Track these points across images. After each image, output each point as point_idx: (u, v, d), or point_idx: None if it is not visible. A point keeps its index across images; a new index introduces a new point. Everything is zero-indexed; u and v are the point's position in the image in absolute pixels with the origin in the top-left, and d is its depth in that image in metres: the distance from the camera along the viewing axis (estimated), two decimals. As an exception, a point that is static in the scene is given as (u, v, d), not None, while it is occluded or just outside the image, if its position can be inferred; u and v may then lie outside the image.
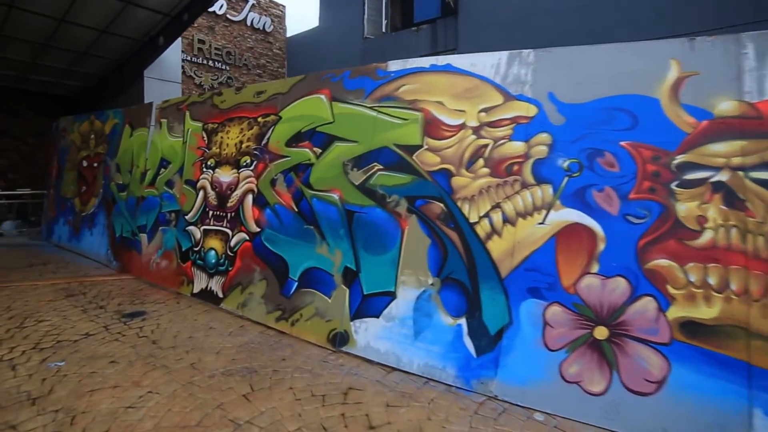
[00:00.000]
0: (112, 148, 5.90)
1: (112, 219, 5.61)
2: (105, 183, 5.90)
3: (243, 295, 3.77)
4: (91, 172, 6.31)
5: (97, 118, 6.42)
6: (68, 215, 6.71)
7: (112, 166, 5.81)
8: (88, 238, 6.13)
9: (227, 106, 4.38)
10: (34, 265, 5.63)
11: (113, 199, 5.63)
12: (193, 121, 4.70)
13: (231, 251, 3.96)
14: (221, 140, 4.28)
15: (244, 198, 3.96)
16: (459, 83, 2.90)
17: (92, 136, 6.44)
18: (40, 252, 6.45)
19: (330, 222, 3.26)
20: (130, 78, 8.01)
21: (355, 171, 3.24)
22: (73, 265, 5.66)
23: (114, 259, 5.47)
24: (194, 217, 4.40)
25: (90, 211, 6.21)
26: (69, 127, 7.11)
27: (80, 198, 6.45)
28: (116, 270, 5.29)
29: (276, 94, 3.97)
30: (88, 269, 5.42)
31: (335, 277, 3.17)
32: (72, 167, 6.82)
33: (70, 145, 6.99)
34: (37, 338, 3.15)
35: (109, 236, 5.58)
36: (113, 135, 5.94)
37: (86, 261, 5.86)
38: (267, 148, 3.88)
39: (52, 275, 5.09)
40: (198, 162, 4.50)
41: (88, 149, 6.46)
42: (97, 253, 5.79)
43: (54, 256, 6.13)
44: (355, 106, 3.35)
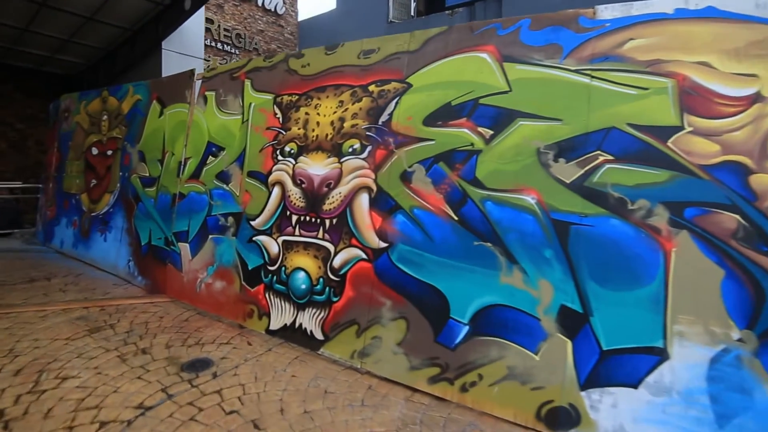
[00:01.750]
0: (132, 132, 4.67)
1: (135, 222, 4.46)
2: (123, 176, 4.68)
3: (361, 339, 2.67)
4: (104, 162, 5.11)
5: (112, 94, 5.15)
6: (73, 215, 5.46)
7: (133, 153, 4.60)
8: (100, 244, 4.91)
9: (313, 72, 3.23)
10: (35, 279, 4.40)
11: (136, 197, 4.43)
12: (258, 93, 3.58)
13: (335, 274, 2.83)
14: (306, 118, 3.14)
15: (353, 198, 2.84)
16: (737, 34, 1.90)
17: (104, 117, 5.25)
18: (40, 261, 5.17)
19: (524, 237, 2.20)
20: (143, 51, 6.74)
21: (561, 162, 2.20)
22: (84, 279, 4.43)
23: (139, 274, 4.33)
24: (266, 224, 3.25)
25: (102, 211, 5.03)
26: (73, 107, 5.81)
27: (89, 194, 5.20)
28: (144, 288, 4.10)
29: (398, 54, 2.88)
30: (106, 286, 4.21)
31: (543, 321, 2.10)
32: (77, 156, 5.55)
33: (75, 128, 5.71)
34: (66, 415, 2.02)
35: (131, 244, 4.39)
36: (134, 115, 4.70)
37: (100, 274, 4.63)
38: (390, 128, 2.77)
39: (61, 295, 3.88)
40: (269, 147, 3.36)
41: (100, 133, 5.19)
42: (114, 263, 4.59)
43: (58, 267, 4.87)
44: (547, 69, 2.29)
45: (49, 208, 6.00)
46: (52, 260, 5.28)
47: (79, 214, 5.35)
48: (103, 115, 5.24)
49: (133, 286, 4.30)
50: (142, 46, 6.72)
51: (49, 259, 5.36)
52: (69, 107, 5.95)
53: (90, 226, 5.16)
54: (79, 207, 5.40)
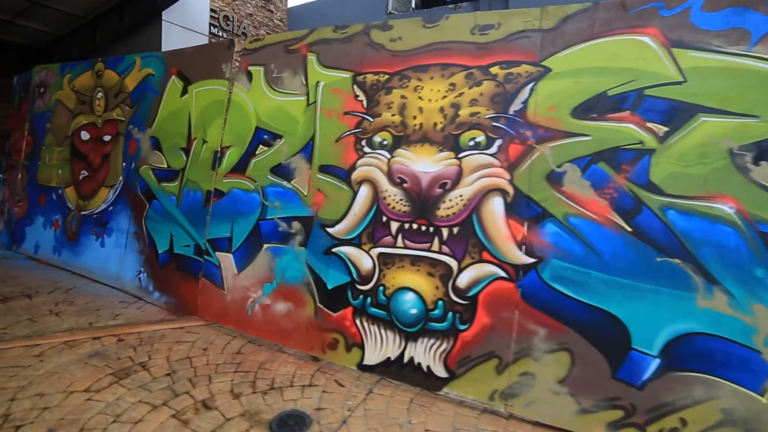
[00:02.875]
0: (141, 113, 3.76)
1: (147, 224, 3.59)
2: (129, 167, 3.77)
3: (504, 376, 2.12)
4: (99, 150, 4.12)
5: (110, 66, 4.16)
6: (53, 213, 4.40)
7: (142, 140, 3.69)
8: (95, 250, 3.94)
9: (408, 47, 2.59)
10: (10, 297, 3.38)
11: (147, 193, 3.55)
12: (328, 70, 2.91)
13: (460, 296, 2.26)
14: (403, 102, 2.53)
15: (480, 202, 2.28)
16: None
17: (99, 95, 4.29)
18: (9, 270, 4.11)
19: (724, 253, 1.80)
20: (136, 21, 5.71)
21: (764, 166, 1.85)
22: (79, 296, 3.50)
23: (156, 289, 3.45)
24: (352, 231, 2.59)
25: (98, 209, 4.10)
26: (52, 81, 4.71)
27: (77, 188, 4.21)
28: (164, 308, 3.29)
29: (526, 32, 2.34)
30: (112, 305, 3.33)
31: (766, 354, 1.75)
32: (58, 141, 4.49)
33: (55, 107, 4.61)
34: None
35: (142, 251, 3.52)
36: (143, 93, 3.78)
37: (97, 288, 3.71)
38: (526, 119, 2.24)
39: (55, 320, 2.97)
40: (349, 137, 2.68)
41: (92, 114, 4.20)
42: (117, 275, 3.68)
43: (38, 279, 3.87)
44: (731, 57, 1.90)
45: (17, 204, 4.90)
46: (26, 269, 4.24)
47: (63, 213, 4.35)
48: (97, 91, 4.28)
49: (147, 304, 3.46)
50: (135, 16, 5.71)
51: (21, 267, 4.32)
52: (45, 81, 4.87)
53: (79, 228, 4.20)
54: (63, 203, 4.41)
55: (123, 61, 4.11)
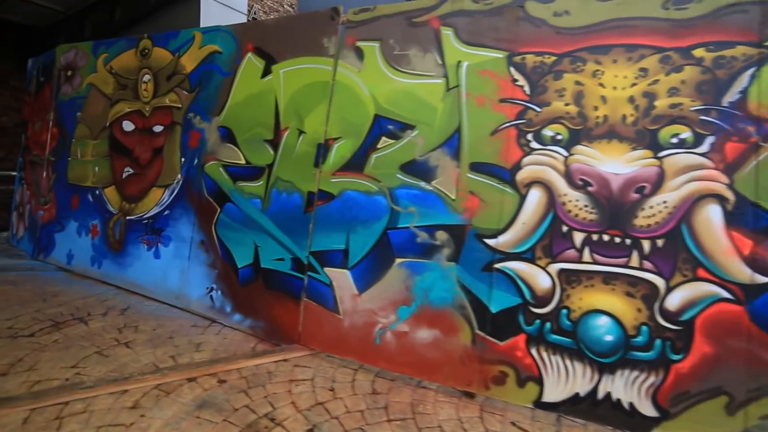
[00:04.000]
0: (205, 98, 3.13)
1: (219, 232, 2.96)
2: (189, 163, 3.15)
3: (738, 417, 1.68)
4: (147, 142, 3.45)
5: (159, 43, 3.48)
6: (90, 217, 3.73)
7: (208, 130, 3.08)
8: (147, 261, 3.31)
9: (579, 24, 2.08)
10: (61, 322, 2.74)
11: (218, 194, 2.95)
12: (471, 47, 2.30)
13: (671, 320, 1.81)
14: (579, 89, 2.04)
15: (691, 210, 1.83)
16: None
17: (146, 78, 3.62)
18: (45, 285, 3.45)
19: None
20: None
21: None
22: (141, 318, 2.88)
23: (236, 311, 2.82)
24: (521, 243, 2.08)
25: (149, 213, 3.49)
26: (83, 63, 4.01)
27: (121, 188, 3.56)
28: (251, 333, 2.71)
29: (741, 5, 1.86)
30: (184, 330, 2.74)
31: None
32: (92, 133, 3.81)
33: (88, 93, 3.92)
34: None
35: (214, 264, 2.92)
36: (208, 74, 3.14)
37: (156, 306, 3.11)
38: (746, 112, 1.77)
39: (129, 354, 2.35)
40: (509, 129, 2.15)
41: (137, 101, 3.54)
42: (178, 291, 3.08)
43: (82, 296, 3.22)
44: None
45: (43, 207, 4.23)
46: (62, 284, 3.57)
47: (102, 217, 3.68)
48: (142, 74, 3.65)
49: (225, 328, 2.85)
50: (166, -12, 5.05)
51: (55, 282, 3.63)
52: (74, 63, 4.14)
53: (124, 235, 3.59)
54: (102, 206, 3.78)
55: (177, 37, 3.48)
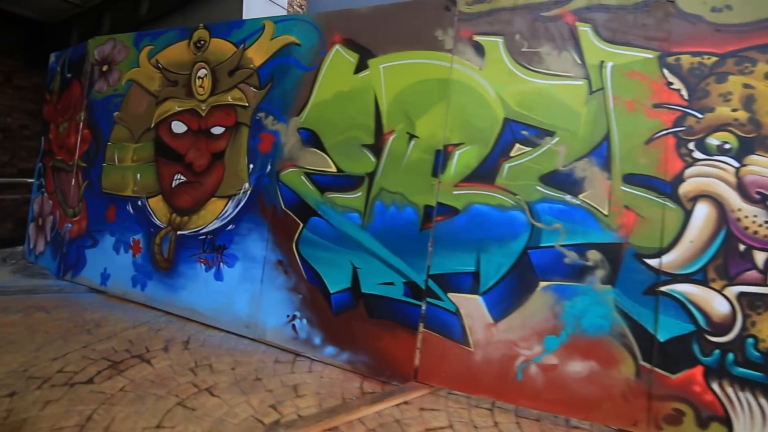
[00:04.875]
0: (279, 96, 2.72)
1: (302, 251, 2.53)
2: (261, 170, 2.72)
3: None
4: (204, 146, 2.98)
5: (218, 34, 3.04)
6: (130, 231, 3.24)
7: (284, 133, 2.67)
8: (204, 283, 2.86)
9: (746, 20, 1.79)
10: (122, 362, 2.27)
11: (300, 207, 2.55)
12: (615, 46, 1.96)
13: None
14: (748, 93, 1.77)
15: None
16: None
17: (202, 73, 3.11)
18: (82, 311, 2.97)
19: None
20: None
21: None
22: (211, 353, 2.43)
23: (329, 342, 2.39)
24: (690, 264, 1.77)
25: (206, 228, 3.03)
26: (121, 56, 3.50)
27: (170, 199, 3.10)
28: (350, 368, 2.31)
29: None
30: (267, 367, 2.31)
31: None
32: (134, 135, 3.33)
33: (127, 90, 3.42)
34: None
35: (297, 288, 2.50)
36: (283, 68, 2.73)
37: (217, 336, 2.67)
38: None
39: (218, 403, 1.91)
40: (666, 137, 1.84)
41: (190, 98, 3.08)
42: (247, 319, 2.65)
43: (128, 324, 2.76)
44: None
45: (71, 219, 3.69)
46: (101, 310, 3.05)
47: (147, 232, 3.19)
48: (197, 68, 3.20)
49: (315, 363, 2.41)
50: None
51: (92, 307, 3.10)
52: (110, 57, 3.61)
53: (175, 253, 3.15)
54: (146, 219, 3.31)
55: (241, 27, 3.07)
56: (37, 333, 2.71)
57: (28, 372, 2.21)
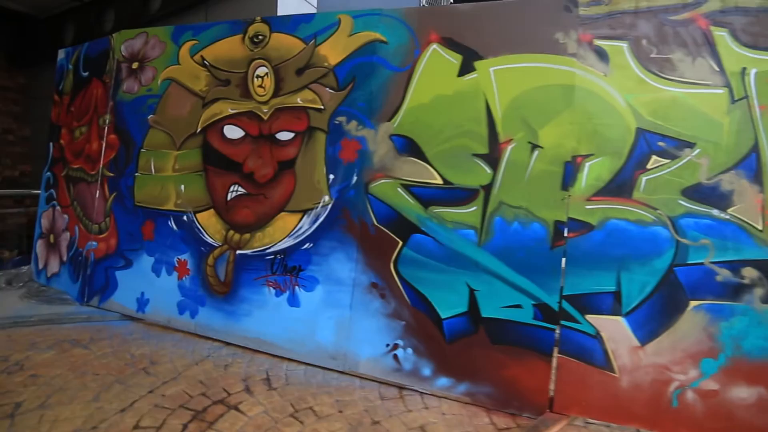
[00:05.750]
0: (363, 98, 2.44)
1: (402, 271, 2.25)
2: (344, 181, 2.42)
3: None
4: (267, 154, 2.63)
5: (280, 28, 2.68)
6: (174, 250, 2.82)
7: (373, 140, 2.38)
8: (275, 310, 2.52)
9: None
10: (199, 412, 1.87)
11: (398, 222, 2.29)
12: (758, 52, 1.84)
13: None
14: None
15: None
16: None
17: (262, 71, 2.69)
18: (123, 344, 2.53)
19: None
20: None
21: None
22: (305, 392, 2.11)
23: (442, 372, 2.14)
24: None
25: (274, 247, 2.62)
26: (156, 52, 3.04)
27: (226, 213, 2.72)
28: (469, 400, 2.08)
29: None
30: (375, 405, 2.05)
31: None
32: (175, 141, 2.90)
33: (164, 90, 2.98)
34: None
35: (399, 314, 2.24)
36: (367, 68, 2.44)
37: (300, 370, 2.36)
38: None
39: None
40: None
41: (247, 99, 2.71)
42: (334, 349, 2.36)
43: (187, 359, 2.37)
44: None
45: (98, 236, 3.17)
46: (150, 342, 2.61)
47: (196, 251, 2.78)
48: (255, 66, 2.80)
49: (424, 395, 2.16)
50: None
51: (138, 338, 2.65)
52: (143, 53, 3.11)
53: (235, 275, 2.77)
54: (195, 236, 2.86)
55: (310, 21, 2.73)
56: (86, 376, 2.28)
57: (99, 431, 1.83)
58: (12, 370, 2.29)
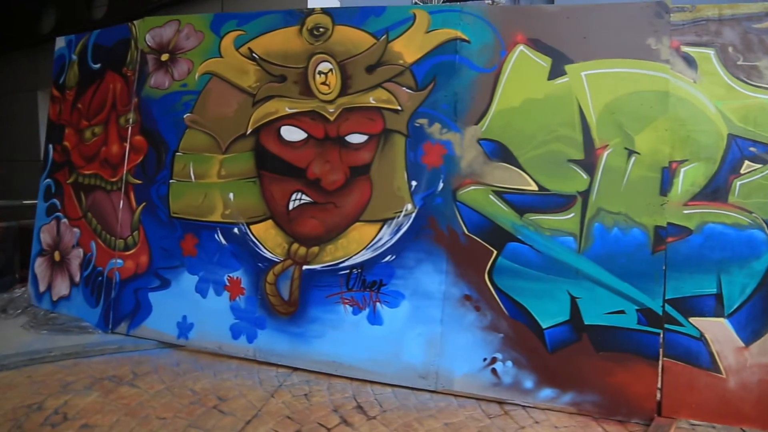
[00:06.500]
0: (446, 99, 2.30)
1: (497, 281, 2.16)
2: (429, 187, 2.28)
3: None
4: (335, 158, 2.40)
5: (346, 20, 2.45)
6: (224, 267, 2.50)
7: (460, 144, 2.26)
8: (353, 330, 2.32)
9: None
10: None
11: (492, 231, 2.20)
12: None
13: None
14: None
15: None
16: None
17: (324, 67, 2.45)
18: (176, 378, 2.17)
19: None
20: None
21: None
22: (410, 420, 1.96)
23: (545, 383, 2.09)
24: None
25: (348, 260, 2.37)
26: (191, 43, 2.66)
27: (288, 225, 2.45)
28: (574, 410, 2.05)
29: None
30: (489, 426, 1.94)
31: None
32: (220, 144, 2.56)
33: (204, 86, 2.61)
34: None
35: (495, 326, 2.15)
36: (448, 67, 2.30)
37: (383, 393, 2.19)
38: None
39: None
40: None
41: (309, 98, 2.46)
42: (421, 368, 2.22)
43: (262, 390, 2.09)
44: None
45: (124, 253, 2.68)
46: (204, 373, 2.27)
47: (253, 267, 2.47)
48: (315, 60, 2.52)
49: (526, 409, 2.10)
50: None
51: (189, 369, 2.29)
52: (174, 44, 2.70)
53: (302, 293, 2.48)
54: (250, 251, 2.50)
55: (380, 14, 2.51)
56: (150, 421, 1.93)
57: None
58: (55, 420, 1.89)
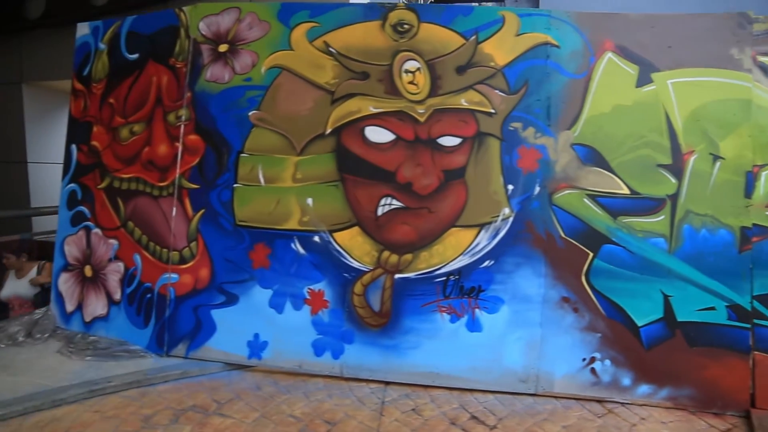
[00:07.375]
0: (538, 103, 2.28)
1: (594, 282, 2.18)
2: (526, 191, 2.25)
3: None
4: (428, 161, 2.26)
5: (433, 18, 2.28)
6: (302, 279, 2.28)
7: (554, 148, 2.25)
8: (451, 338, 2.23)
9: None
10: None
11: (587, 234, 2.22)
12: None
13: None
14: None
15: None
16: None
17: (411, 66, 2.27)
18: (267, 403, 1.91)
19: None
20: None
21: None
22: (528, 428, 1.92)
23: (643, 380, 2.14)
24: None
25: (445, 267, 2.23)
26: (255, 33, 2.36)
27: (376, 231, 2.29)
28: (670, 404, 2.12)
29: None
30: (600, 421, 1.95)
31: None
32: (294, 144, 2.31)
33: (272, 81, 2.33)
34: None
35: (593, 327, 2.17)
36: (541, 70, 2.28)
37: (486, 401, 2.12)
38: None
39: None
40: None
41: (395, 97, 2.30)
42: (522, 372, 2.19)
43: (366, 411, 1.92)
44: None
45: (178, 267, 2.29)
46: (288, 394, 2.03)
47: (338, 278, 2.28)
48: (401, 59, 2.33)
49: (624, 406, 2.15)
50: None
51: (275, 392, 2.03)
52: (234, 34, 2.37)
53: (395, 303, 2.28)
54: (333, 260, 2.29)
55: (469, 14, 2.39)
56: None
57: None
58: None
